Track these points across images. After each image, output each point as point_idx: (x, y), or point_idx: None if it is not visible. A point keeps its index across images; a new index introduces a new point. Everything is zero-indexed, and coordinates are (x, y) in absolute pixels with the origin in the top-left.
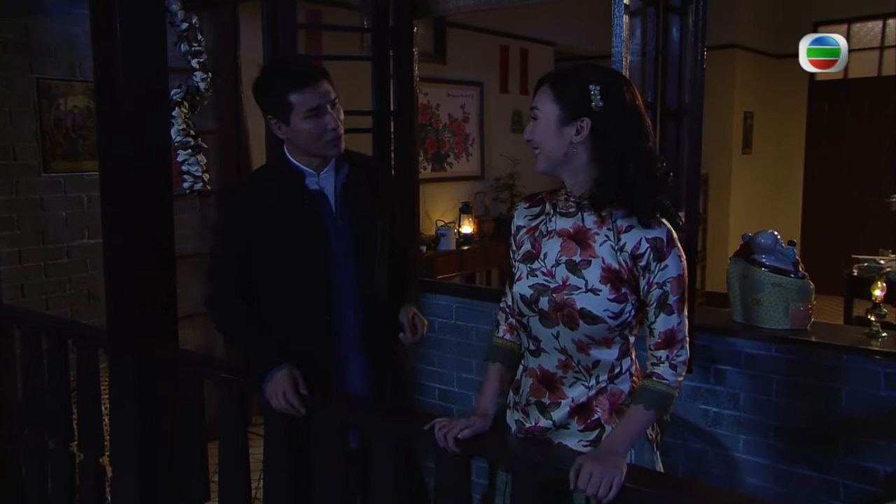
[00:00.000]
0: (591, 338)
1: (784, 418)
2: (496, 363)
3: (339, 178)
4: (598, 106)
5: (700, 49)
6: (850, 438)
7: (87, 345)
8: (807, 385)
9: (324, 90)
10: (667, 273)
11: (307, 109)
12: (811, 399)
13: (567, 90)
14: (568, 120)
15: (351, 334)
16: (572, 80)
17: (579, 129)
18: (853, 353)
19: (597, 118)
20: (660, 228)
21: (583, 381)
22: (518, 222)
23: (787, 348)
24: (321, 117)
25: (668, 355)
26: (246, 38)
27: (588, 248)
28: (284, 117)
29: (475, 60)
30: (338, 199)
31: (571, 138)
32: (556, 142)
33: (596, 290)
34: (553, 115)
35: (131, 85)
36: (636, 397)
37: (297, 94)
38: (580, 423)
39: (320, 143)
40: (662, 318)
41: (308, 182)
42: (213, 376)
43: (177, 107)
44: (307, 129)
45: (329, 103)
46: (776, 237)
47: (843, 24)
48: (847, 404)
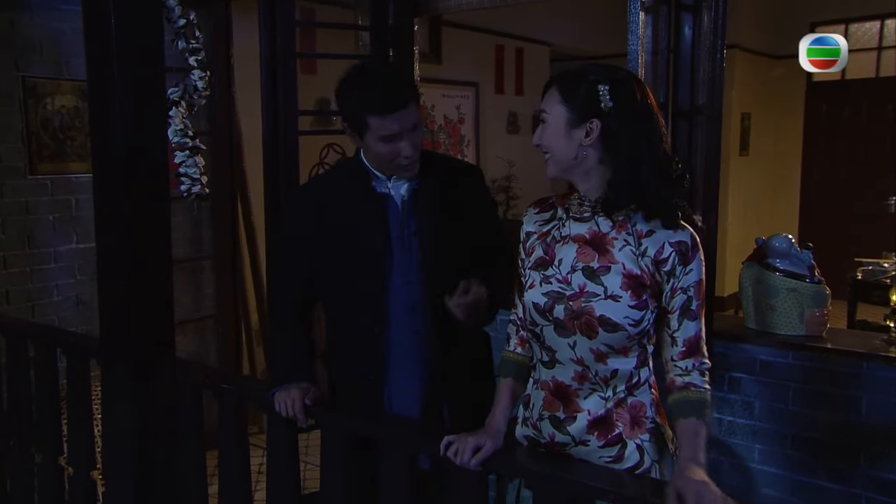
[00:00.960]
0: (609, 346)
1: (801, 427)
2: (507, 378)
3: (412, 183)
4: (608, 106)
5: (719, 47)
6: (871, 449)
7: (79, 354)
8: (825, 393)
9: (407, 116)
10: (691, 278)
11: (384, 135)
12: (830, 408)
13: (575, 91)
14: (577, 122)
15: (407, 351)
16: (580, 81)
17: (589, 131)
18: (874, 360)
19: (606, 119)
20: (683, 232)
21: (599, 393)
22: (528, 228)
23: (804, 355)
24: (397, 143)
25: (695, 364)
26: (239, 37)
27: (606, 253)
28: (359, 133)
29: (470, 60)
30: (407, 204)
31: (581, 141)
32: (566, 145)
33: (616, 297)
34: (562, 118)
35: (127, 83)
36: (683, 410)
37: (377, 118)
38: (600, 439)
39: (391, 167)
40: (686, 325)
41: (376, 184)
42: (213, 387)
43: (174, 106)
44: (380, 151)
45: (410, 128)
46: (791, 241)
47: (840, 25)
48: (868, 413)
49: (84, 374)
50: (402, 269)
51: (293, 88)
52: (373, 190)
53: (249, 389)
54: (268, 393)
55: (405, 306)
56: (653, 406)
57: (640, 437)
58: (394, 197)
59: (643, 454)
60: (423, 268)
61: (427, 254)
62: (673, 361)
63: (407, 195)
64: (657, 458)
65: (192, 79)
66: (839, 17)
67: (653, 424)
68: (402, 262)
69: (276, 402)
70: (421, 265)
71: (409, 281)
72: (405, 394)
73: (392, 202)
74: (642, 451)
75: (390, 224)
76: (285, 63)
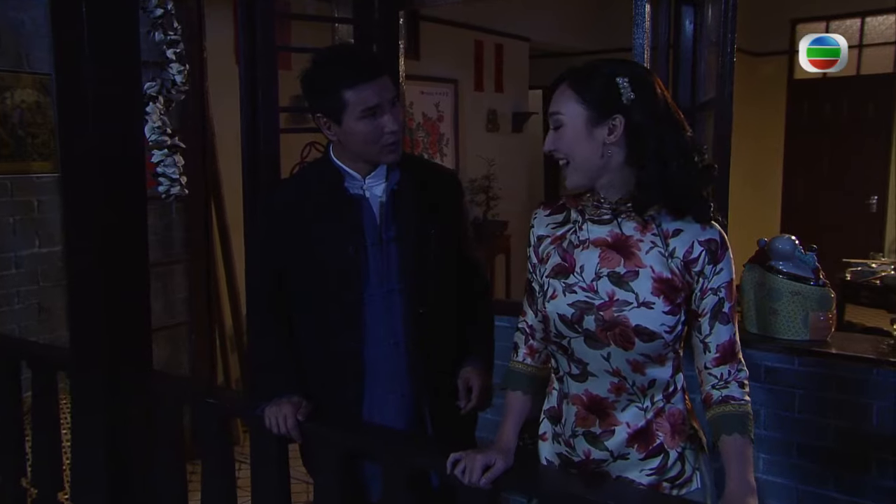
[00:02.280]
0: (647, 356)
1: (809, 436)
2: (516, 391)
3: (390, 183)
4: (630, 99)
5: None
6: (883, 458)
7: (45, 366)
8: (834, 400)
9: (385, 86)
10: (722, 277)
11: (363, 109)
12: (839, 415)
13: (591, 87)
14: (598, 119)
15: (387, 365)
16: (595, 76)
17: (612, 128)
18: (885, 366)
19: (630, 113)
20: (712, 229)
21: (636, 403)
22: (539, 231)
23: (811, 361)
24: (378, 118)
25: (731, 371)
26: (212, 30)
27: (633, 257)
28: (336, 116)
29: (450, 56)
30: (385, 208)
31: (605, 139)
32: (589, 148)
33: (649, 304)
34: (580, 118)
35: (99, 78)
36: (726, 426)
37: (354, 90)
38: (641, 451)
39: (375, 148)
40: (718, 328)
41: (349, 185)
42: (194, 401)
43: (151, 102)
44: (361, 130)
45: (389, 102)
46: (795, 243)
47: (821, 22)
48: (879, 421)
49: (51, 387)
50: (379, 277)
51: (273, 84)
52: (345, 192)
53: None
54: (256, 408)
55: (383, 318)
56: (688, 412)
57: (681, 444)
58: (369, 199)
59: (685, 462)
60: (404, 275)
61: (408, 260)
62: (707, 370)
63: (385, 197)
64: (697, 465)
65: (170, 73)
66: (821, 15)
67: (692, 431)
68: (380, 269)
69: (266, 419)
70: (401, 273)
71: (388, 290)
72: (386, 410)
73: (367, 205)
74: (684, 460)
75: (366, 229)
76: (265, 57)
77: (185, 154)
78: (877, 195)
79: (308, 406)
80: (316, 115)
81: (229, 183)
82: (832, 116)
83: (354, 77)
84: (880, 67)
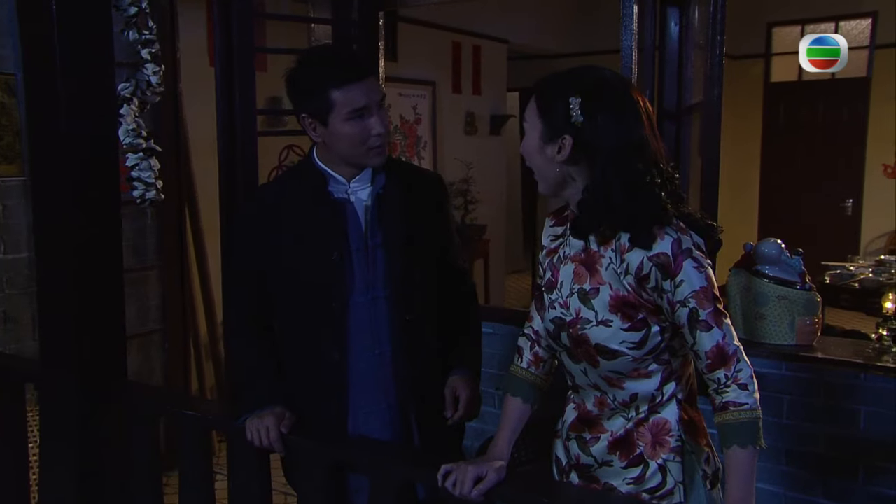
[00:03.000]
0: (618, 373)
1: (797, 442)
2: (516, 398)
3: (375, 187)
4: (578, 121)
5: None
6: (871, 464)
7: (12, 378)
8: (821, 406)
9: (372, 87)
10: (686, 288)
11: (351, 110)
12: (827, 421)
13: (551, 103)
14: (549, 137)
15: (372, 376)
16: (558, 93)
17: (561, 147)
18: (872, 370)
19: (579, 134)
20: (663, 242)
21: (622, 414)
22: (544, 241)
23: (798, 366)
24: (366, 119)
25: (728, 374)
26: (185, 30)
27: (596, 273)
28: (322, 117)
29: (427, 58)
30: (370, 212)
31: (554, 157)
32: (542, 161)
33: (607, 322)
34: (537, 131)
35: (71, 78)
36: (725, 438)
37: (341, 90)
38: (622, 460)
39: (361, 151)
40: (701, 336)
41: (333, 189)
42: (173, 413)
43: (125, 103)
44: (348, 132)
45: (376, 103)
46: (781, 247)
47: (797, 26)
48: (867, 426)
49: (18, 401)
50: (364, 284)
51: (251, 85)
52: (329, 195)
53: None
54: (237, 419)
55: (368, 326)
56: (680, 423)
57: (663, 456)
58: (354, 203)
59: (666, 475)
60: (390, 282)
61: (394, 266)
62: (706, 375)
63: (370, 201)
64: (682, 479)
65: (145, 73)
66: (796, 18)
67: (678, 443)
68: (365, 276)
69: (247, 431)
70: (387, 279)
71: (373, 297)
72: (371, 421)
73: (352, 209)
74: (665, 472)
75: (350, 233)
76: (242, 57)
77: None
78: (852, 198)
79: (291, 417)
80: (301, 115)
81: (203, 187)
82: (808, 120)
83: (342, 77)
84: (855, 71)
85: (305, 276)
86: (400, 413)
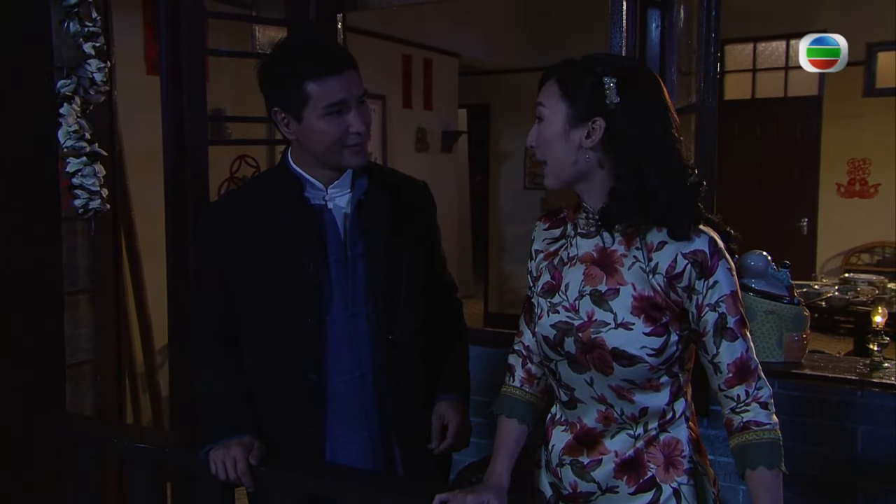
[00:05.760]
0: (631, 382)
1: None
2: (511, 419)
3: (356, 193)
4: (614, 102)
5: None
6: (870, 486)
7: None
8: (816, 426)
9: (352, 81)
10: (718, 291)
11: (327, 104)
12: (823, 442)
13: (579, 84)
14: (578, 120)
15: (351, 399)
16: (585, 72)
17: (591, 131)
18: (868, 387)
19: (612, 117)
20: (699, 239)
21: (628, 430)
22: (536, 246)
23: (790, 384)
24: (343, 116)
25: (749, 391)
26: (121, 32)
27: (615, 273)
28: (296, 112)
29: (376, 71)
30: (350, 220)
31: (581, 142)
32: (563, 147)
33: (628, 325)
34: (561, 115)
35: (3, 75)
36: (749, 458)
37: (318, 83)
38: (631, 484)
39: (337, 150)
40: (726, 346)
41: (310, 195)
42: (121, 448)
43: (65, 102)
44: (323, 129)
45: (356, 99)
46: (768, 259)
47: (749, 44)
48: (865, 447)
49: None
50: (343, 299)
51: (201, 90)
52: (305, 202)
53: (171, 448)
54: (199, 452)
55: (348, 345)
56: (690, 443)
57: (677, 479)
58: (332, 210)
59: (681, 500)
60: (371, 297)
61: (377, 280)
62: (723, 392)
63: (349, 208)
64: None
65: (89, 69)
66: (748, 36)
67: (690, 465)
68: (344, 290)
69: (211, 463)
70: (368, 294)
71: (353, 314)
72: (350, 451)
73: (330, 217)
74: (679, 497)
75: (328, 244)
76: (191, 60)
77: None
78: (807, 217)
79: (261, 447)
80: (273, 109)
81: (139, 203)
82: (763, 138)
83: (319, 68)
84: (807, 90)
85: (278, 289)
86: (382, 442)
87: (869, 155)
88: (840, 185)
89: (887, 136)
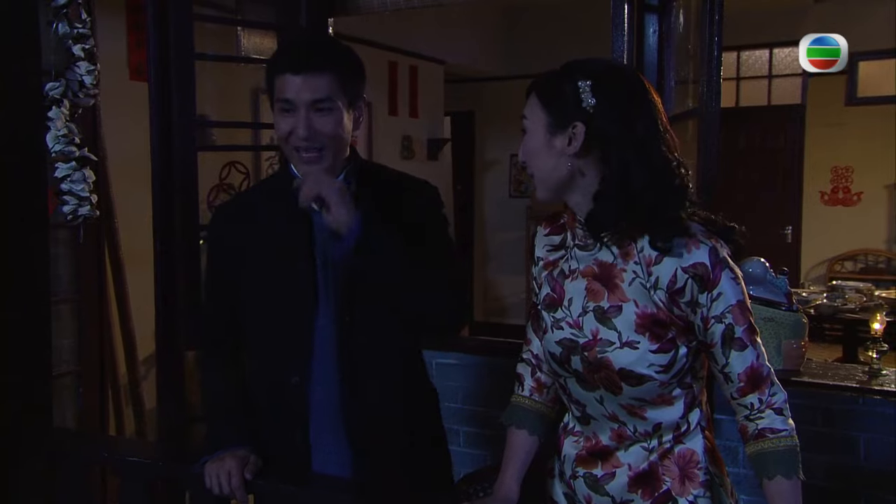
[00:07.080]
0: (641, 400)
1: None
2: (521, 430)
3: None
4: (590, 105)
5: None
6: (874, 495)
7: None
8: (817, 434)
9: (311, 87)
10: (723, 302)
11: (278, 99)
12: (824, 450)
13: (556, 91)
14: (557, 127)
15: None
16: (562, 80)
17: (571, 137)
18: (870, 394)
19: (592, 120)
20: (699, 251)
21: (642, 443)
22: (537, 252)
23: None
24: (290, 116)
25: (762, 398)
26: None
27: (616, 289)
28: (272, 102)
29: None
30: None
31: (564, 149)
32: (547, 158)
33: (633, 344)
34: (541, 124)
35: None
36: (766, 468)
37: (277, 77)
38: (646, 498)
39: (289, 150)
40: (736, 356)
41: None
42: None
43: (54, 105)
44: (277, 123)
45: (308, 105)
46: (766, 266)
47: (732, 52)
48: (867, 455)
49: None
50: (328, 304)
51: (191, 94)
52: (293, 203)
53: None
54: (195, 464)
55: (335, 349)
56: (706, 454)
57: (693, 492)
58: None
59: None
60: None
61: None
62: (736, 401)
63: None
64: None
65: (78, 72)
66: (731, 45)
67: (707, 476)
68: (329, 295)
69: (206, 476)
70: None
71: (337, 319)
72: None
73: (318, 219)
74: None
75: (316, 246)
76: (181, 63)
77: None
78: (791, 225)
79: (257, 461)
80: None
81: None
82: (746, 146)
83: (283, 64)
84: (790, 98)
85: (268, 290)
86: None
87: (852, 163)
88: (823, 193)
89: (870, 144)
